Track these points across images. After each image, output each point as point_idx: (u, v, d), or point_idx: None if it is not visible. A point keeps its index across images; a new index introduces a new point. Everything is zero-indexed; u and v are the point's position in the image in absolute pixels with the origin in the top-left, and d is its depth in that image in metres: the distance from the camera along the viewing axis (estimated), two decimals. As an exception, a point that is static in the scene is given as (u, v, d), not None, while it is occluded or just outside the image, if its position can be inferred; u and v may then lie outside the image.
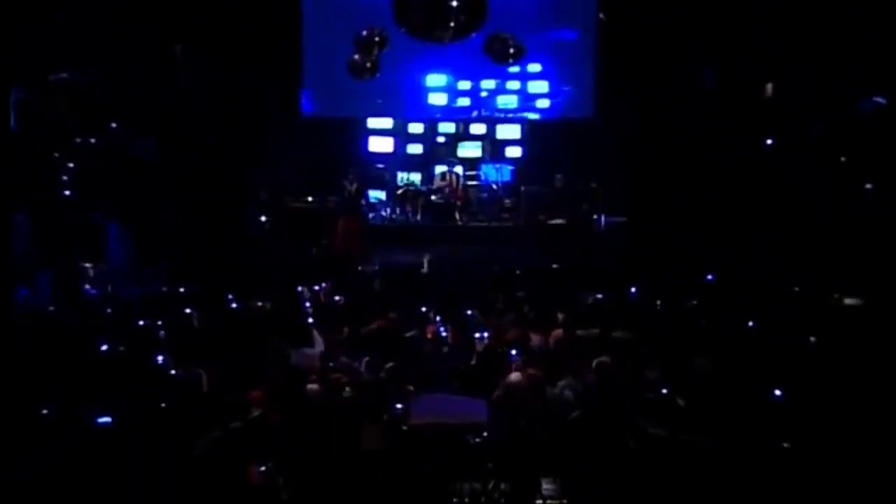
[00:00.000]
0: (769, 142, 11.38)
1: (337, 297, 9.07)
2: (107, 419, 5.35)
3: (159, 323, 7.60)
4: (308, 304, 8.51)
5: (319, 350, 7.33)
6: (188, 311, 7.99)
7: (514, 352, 6.79)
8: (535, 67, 14.24)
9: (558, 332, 7.49)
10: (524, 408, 5.82)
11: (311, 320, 8.02)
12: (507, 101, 14.62)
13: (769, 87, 11.79)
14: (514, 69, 13.92)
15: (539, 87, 14.54)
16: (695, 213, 11.68)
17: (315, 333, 7.64)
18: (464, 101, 14.69)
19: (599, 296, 8.99)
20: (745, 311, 8.18)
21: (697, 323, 7.90)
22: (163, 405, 5.75)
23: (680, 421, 5.47)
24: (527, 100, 14.57)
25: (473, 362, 6.97)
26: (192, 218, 11.37)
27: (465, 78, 14.53)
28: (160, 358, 6.44)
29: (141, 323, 7.58)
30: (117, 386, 6.12)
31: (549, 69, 14.30)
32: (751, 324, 7.70)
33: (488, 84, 14.59)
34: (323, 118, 14.16)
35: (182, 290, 9.23)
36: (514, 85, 14.57)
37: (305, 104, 14.22)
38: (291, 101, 14.09)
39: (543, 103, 14.57)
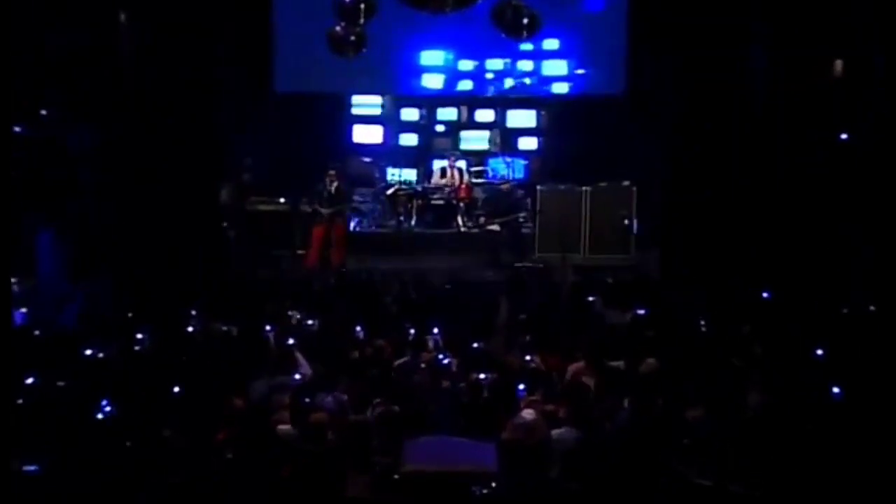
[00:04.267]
0: (844, 136, 11.37)
1: (311, 322, 9.18)
2: (33, 468, 5.43)
3: (101, 354, 7.69)
4: (269, 329, 8.60)
5: (305, 373, 7.44)
6: (139, 336, 8.09)
7: (521, 386, 6.88)
8: (551, 44, 14.31)
9: (579, 364, 7.60)
10: (540, 452, 5.93)
11: (291, 341, 8.14)
12: (518, 85, 14.79)
13: (839, 63, 11.83)
14: (527, 46, 14.07)
15: (556, 67, 14.67)
16: (747, 215, 11.73)
17: (299, 356, 7.77)
18: (465, 84, 14.82)
19: (640, 312, 9.06)
20: (810, 336, 8.27)
21: (750, 351, 7.99)
22: (106, 451, 5.86)
23: (727, 468, 5.57)
24: (541, 83, 14.72)
25: (479, 398, 7.07)
26: (140, 222, 11.45)
27: (468, 56, 14.64)
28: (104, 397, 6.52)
29: (88, 352, 7.65)
30: (49, 428, 6.22)
31: (569, 45, 14.41)
32: (819, 352, 7.80)
33: (495, 64, 14.70)
34: (296, 101, 14.27)
35: (129, 310, 9.33)
36: (526, 65, 14.70)
37: (278, 82, 14.33)
38: (259, 80, 14.19)
39: (561, 87, 14.71)
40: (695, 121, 12.27)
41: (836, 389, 6.81)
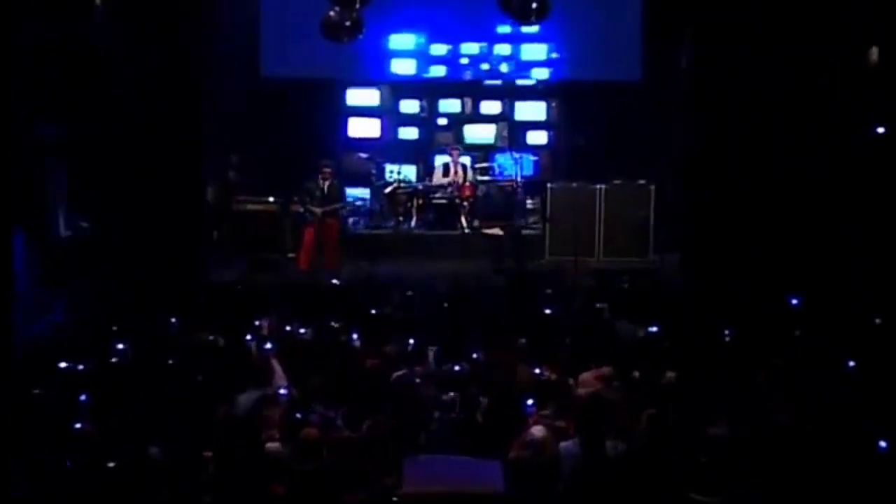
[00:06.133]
0: (880, 130, 11.31)
1: (303, 330, 9.25)
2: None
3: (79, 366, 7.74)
4: (250, 338, 8.69)
5: (281, 385, 7.52)
6: (119, 346, 8.15)
7: (530, 401, 6.96)
8: (530, 27, 14.11)
9: (590, 375, 7.66)
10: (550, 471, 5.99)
11: (269, 346, 8.23)
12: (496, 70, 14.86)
13: (874, 51, 11.82)
14: (505, 29, 14.12)
15: (536, 51, 14.76)
16: (775, 215, 11.73)
17: (275, 364, 7.85)
18: (438, 70, 14.91)
19: (655, 329, 9.11)
20: (844, 346, 8.32)
21: (778, 363, 8.04)
22: (84, 470, 5.92)
23: (751, 489, 5.63)
24: (520, 68, 14.83)
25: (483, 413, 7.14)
26: (118, 224, 11.50)
27: (440, 40, 14.76)
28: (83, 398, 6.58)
29: (62, 365, 7.71)
30: (26, 446, 6.30)
31: (557, 29, 14.30)
32: (851, 364, 7.85)
33: (470, 48, 14.82)
34: (286, 92, 14.33)
35: (107, 319, 9.39)
36: (503, 49, 14.80)
37: (267, 69, 14.37)
38: (245, 67, 14.23)
39: (542, 73, 14.80)
40: (718, 112, 12.02)
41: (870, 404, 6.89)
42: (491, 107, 15.22)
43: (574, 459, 6.22)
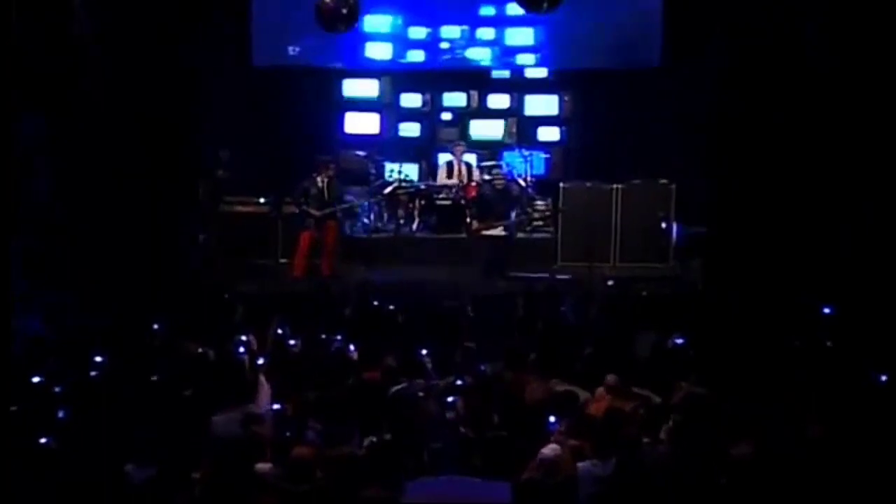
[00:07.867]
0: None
1: (293, 342, 9.25)
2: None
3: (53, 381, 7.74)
4: (242, 350, 8.69)
5: (265, 401, 7.52)
6: (98, 358, 8.15)
7: (552, 418, 6.93)
8: (515, 9, 13.90)
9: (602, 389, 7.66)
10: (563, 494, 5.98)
11: (260, 361, 8.24)
12: (477, 56, 14.86)
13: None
14: (489, 11, 14.16)
15: (521, 36, 14.70)
16: (807, 217, 11.70)
17: (262, 379, 7.85)
18: (416, 55, 14.86)
19: (679, 340, 9.09)
20: (878, 358, 8.30)
21: (809, 376, 8.02)
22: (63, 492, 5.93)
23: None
24: (504, 54, 14.80)
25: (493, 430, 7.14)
26: (99, 225, 11.52)
27: (419, 23, 14.73)
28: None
29: (35, 380, 7.72)
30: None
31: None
32: (883, 378, 7.84)
33: (451, 32, 14.78)
34: (279, 84, 14.36)
35: (85, 329, 9.39)
36: (487, 33, 14.75)
37: (257, 57, 14.39)
38: (235, 56, 14.24)
39: (527, 59, 14.79)
40: (747, 102, 11.83)
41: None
42: (499, 100, 15.18)
43: (593, 481, 6.21)
